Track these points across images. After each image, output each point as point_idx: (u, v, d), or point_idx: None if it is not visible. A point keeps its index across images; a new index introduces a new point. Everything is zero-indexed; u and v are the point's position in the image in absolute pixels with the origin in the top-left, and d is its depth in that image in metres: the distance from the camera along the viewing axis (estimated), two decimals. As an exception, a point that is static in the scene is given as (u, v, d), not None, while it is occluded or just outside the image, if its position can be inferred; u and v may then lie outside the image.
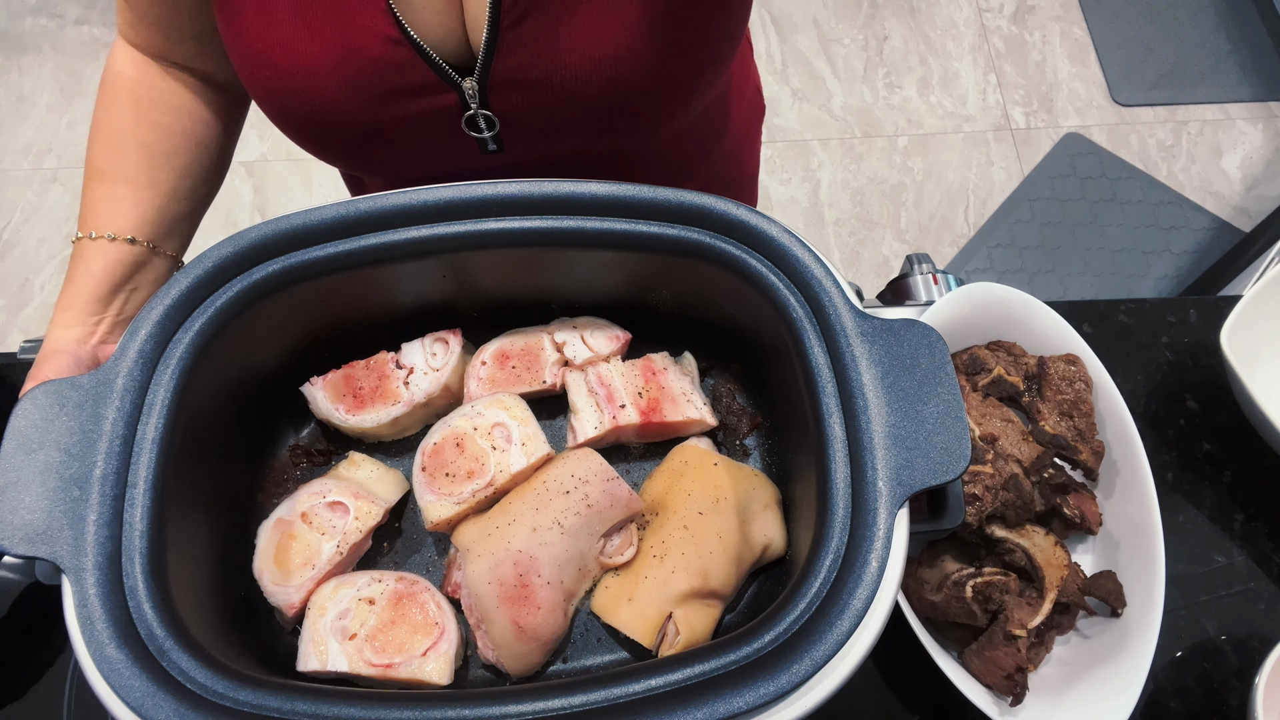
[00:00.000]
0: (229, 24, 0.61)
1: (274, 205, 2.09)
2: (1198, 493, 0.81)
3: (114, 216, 0.65)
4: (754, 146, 0.96)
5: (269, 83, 0.62)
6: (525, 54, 0.60)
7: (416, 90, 0.62)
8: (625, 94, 0.63)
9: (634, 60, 0.61)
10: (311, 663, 0.56)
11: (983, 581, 0.65)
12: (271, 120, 0.66)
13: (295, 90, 0.61)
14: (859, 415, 0.51)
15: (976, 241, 2.04)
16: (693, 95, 0.67)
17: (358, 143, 0.66)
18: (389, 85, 0.61)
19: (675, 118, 0.68)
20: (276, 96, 0.63)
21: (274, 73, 0.61)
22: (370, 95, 0.61)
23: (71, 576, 0.47)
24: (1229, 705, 0.72)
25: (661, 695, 0.45)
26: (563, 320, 0.69)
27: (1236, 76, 2.25)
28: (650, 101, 0.65)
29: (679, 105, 0.67)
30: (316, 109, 0.62)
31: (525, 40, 0.59)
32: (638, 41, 0.60)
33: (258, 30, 0.60)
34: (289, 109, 0.63)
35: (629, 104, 0.64)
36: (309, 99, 0.62)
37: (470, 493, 0.60)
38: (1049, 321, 0.78)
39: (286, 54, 0.60)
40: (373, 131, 0.64)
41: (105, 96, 0.69)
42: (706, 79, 0.66)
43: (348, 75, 0.60)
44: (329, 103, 0.62)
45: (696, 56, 0.63)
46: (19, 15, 2.29)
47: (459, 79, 0.61)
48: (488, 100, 0.62)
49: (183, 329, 0.54)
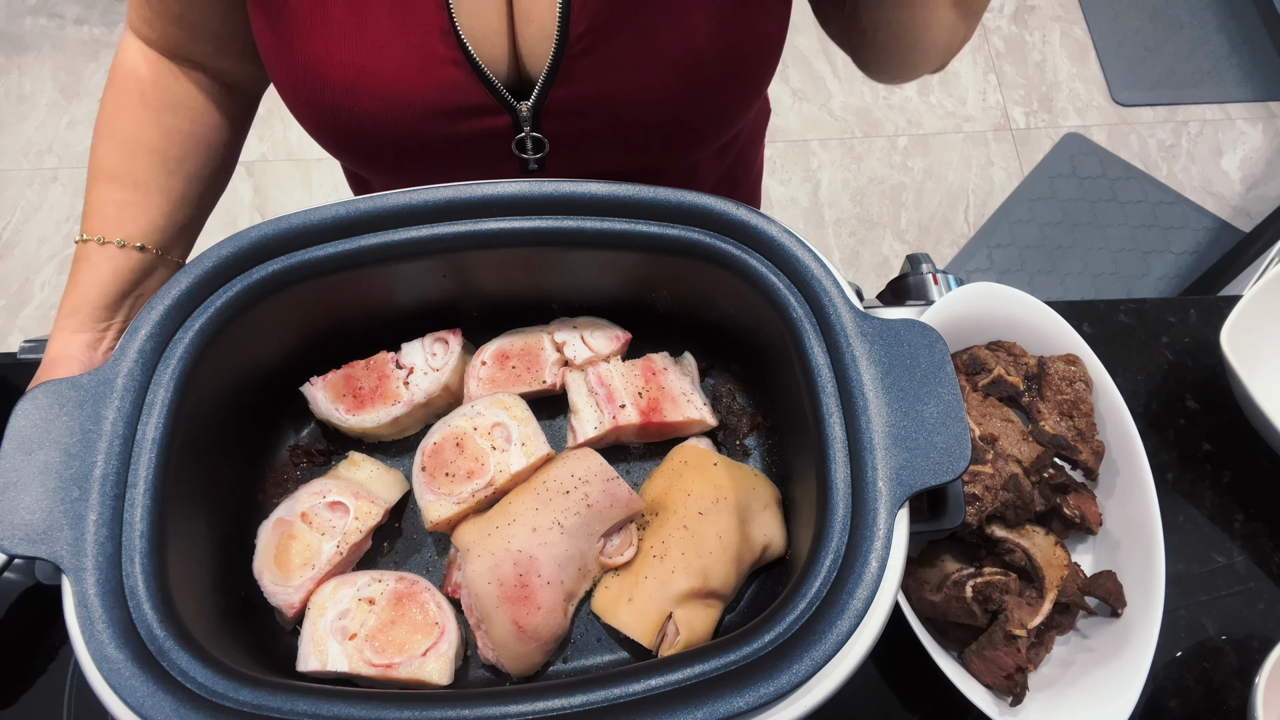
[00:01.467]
0: (275, 33, 0.60)
1: (274, 205, 2.09)
2: (1198, 493, 0.81)
3: (124, 222, 0.65)
4: (759, 150, 0.97)
5: (317, 95, 0.61)
6: (583, 84, 0.61)
7: (471, 112, 0.62)
8: (675, 124, 0.65)
9: (686, 93, 0.62)
10: (311, 663, 0.56)
11: (983, 581, 0.65)
12: (311, 133, 0.65)
13: (347, 106, 0.61)
14: (859, 415, 0.51)
15: (976, 241, 2.04)
16: (734, 123, 0.69)
17: (403, 159, 0.65)
18: (445, 105, 0.61)
19: (715, 142, 0.69)
20: (323, 110, 0.62)
21: (324, 86, 0.60)
22: (424, 114, 0.61)
23: (71, 576, 0.47)
24: (1229, 705, 0.72)
25: (661, 695, 0.45)
26: (563, 320, 0.69)
27: (1236, 76, 2.25)
28: (696, 130, 0.66)
29: (721, 132, 0.68)
30: (366, 124, 0.62)
31: (585, 71, 0.60)
32: (696, 74, 0.61)
33: (311, 43, 0.59)
34: (336, 124, 0.63)
35: (676, 132, 0.66)
36: (360, 114, 0.61)
37: (470, 493, 0.60)
38: (1049, 321, 0.78)
39: (342, 69, 0.59)
40: (420, 149, 0.64)
41: (115, 96, 0.67)
42: (749, 107, 0.68)
43: (404, 93, 0.60)
44: (380, 119, 0.61)
45: (742, 88, 0.65)
46: (19, 15, 2.29)
47: (515, 102, 0.61)
48: (539, 124, 0.63)
49: (183, 329, 0.54)
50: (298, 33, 0.59)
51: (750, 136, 0.90)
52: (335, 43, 0.59)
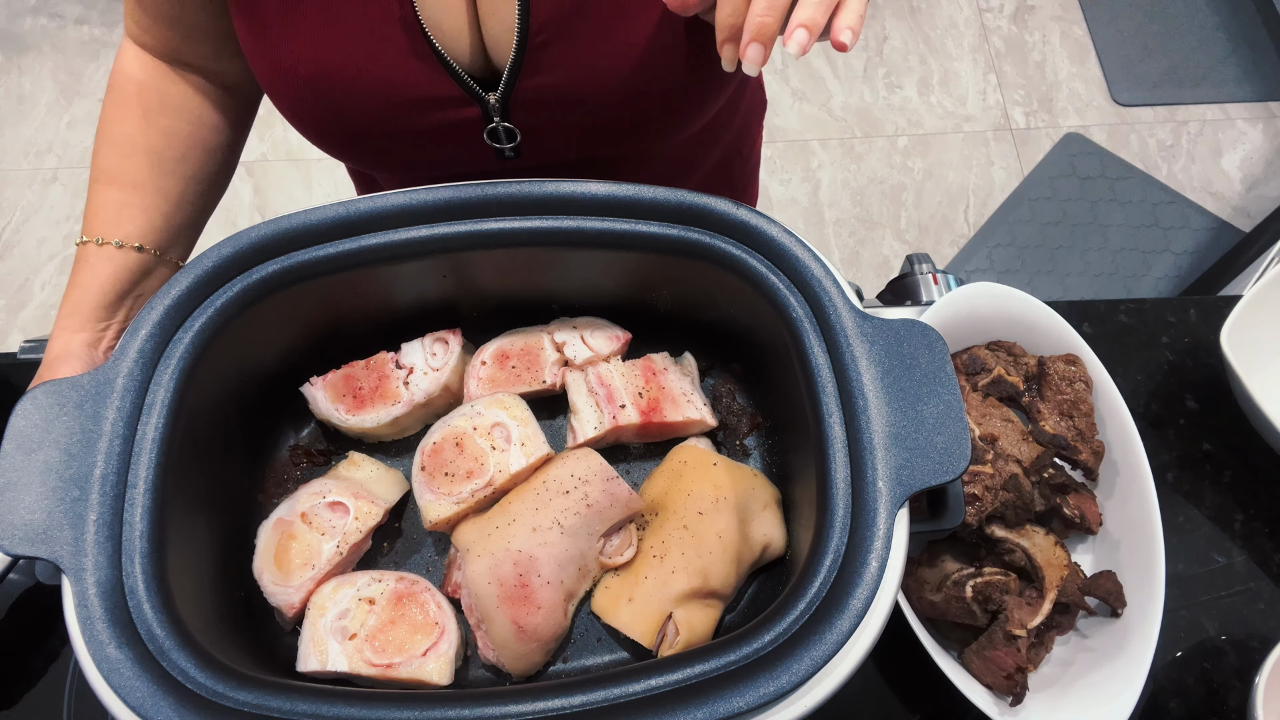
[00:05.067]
0: (254, 34, 0.61)
1: (274, 205, 2.09)
2: (1198, 493, 0.81)
3: (122, 223, 0.65)
4: (755, 141, 0.96)
5: (292, 90, 0.62)
6: (549, 75, 0.61)
7: (441, 103, 0.62)
8: (646, 109, 0.64)
9: (655, 79, 0.62)
10: (311, 663, 0.56)
11: (983, 581, 0.65)
12: (292, 124, 0.66)
13: (320, 100, 0.62)
14: (859, 415, 0.51)
15: (976, 241, 2.04)
16: (709, 105, 0.68)
17: (380, 149, 0.67)
18: (414, 97, 0.62)
19: (692, 125, 0.69)
20: (300, 105, 0.63)
21: (297, 81, 0.61)
22: (395, 106, 0.62)
23: (71, 576, 0.47)
24: (1229, 705, 0.72)
25: (661, 695, 0.45)
26: (563, 320, 0.69)
27: (1236, 76, 2.25)
28: (669, 114, 0.66)
29: (697, 115, 0.68)
30: (340, 117, 0.63)
31: (550, 62, 0.60)
32: (659, 61, 0.61)
33: (282, 39, 0.60)
34: (313, 117, 0.64)
35: (648, 117, 0.65)
36: (333, 108, 0.62)
37: (469, 492, 0.60)
38: (1049, 321, 0.78)
39: (311, 64, 0.60)
40: (396, 140, 0.65)
41: (113, 100, 0.68)
42: (724, 89, 0.68)
43: (374, 86, 0.61)
44: (353, 111, 0.62)
45: (715, 71, 0.64)
46: (19, 15, 2.29)
47: (483, 94, 0.62)
48: (509, 114, 0.63)
49: (183, 329, 0.54)
50: (270, 30, 0.60)
51: (744, 128, 0.90)
52: (304, 38, 0.59)
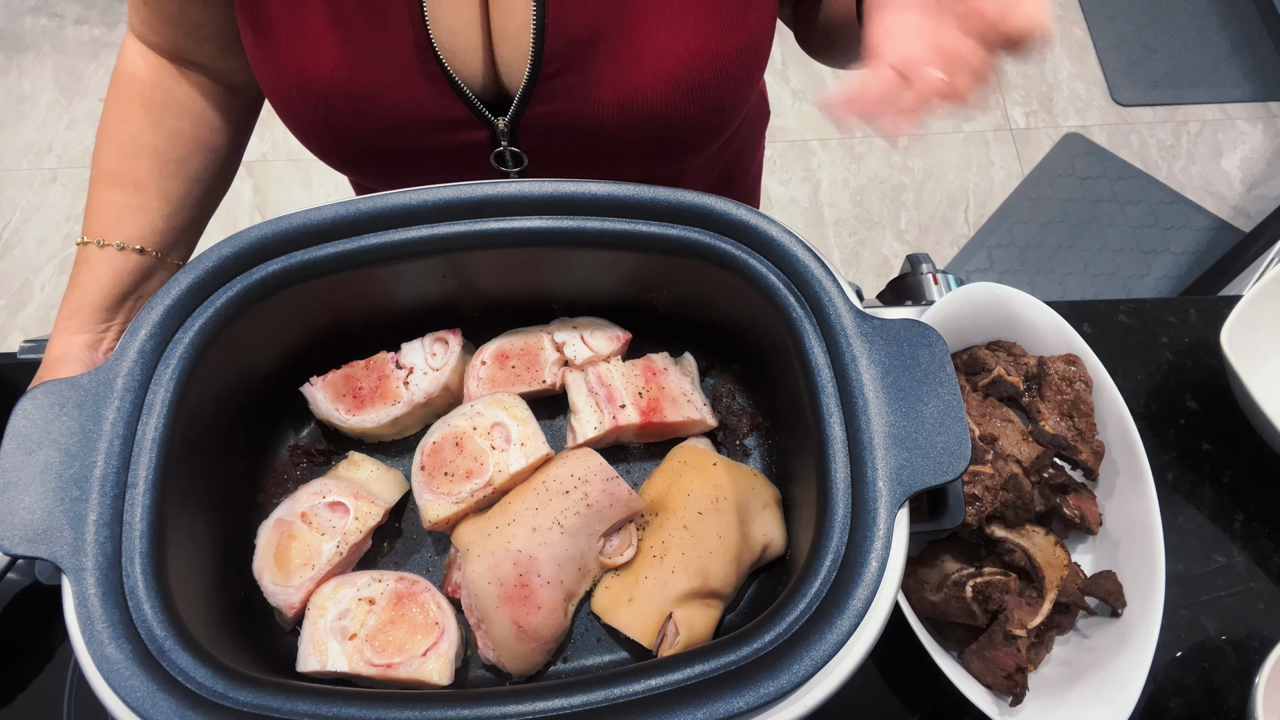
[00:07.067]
0: (258, 41, 0.60)
1: (274, 205, 2.09)
2: (1198, 493, 0.81)
3: (123, 225, 0.65)
4: (757, 152, 0.96)
5: (298, 103, 0.62)
6: (560, 103, 0.61)
7: (449, 125, 0.62)
8: (654, 142, 0.64)
9: (665, 110, 0.62)
10: (311, 663, 0.56)
11: (983, 581, 0.65)
12: (297, 137, 0.66)
13: (327, 115, 0.61)
14: (859, 415, 0.51)
15: (976, 241, 2.04)
16: (717, 136, 0.68)
17: (385, 167, 0.66)
18: (423, 118, 0.61)
19: (699, 156, 0.69)
20: (305, 117, 0.62)
21: (304, 95, 0.61)
22: (403, 126, 0.62)
23: (71, 576, 0.47)
24: (1229, 705, 0.72)
25: (661, 695, 0.45)
26: (563, 320, 0.69)
27: (1236, 76, 2.25)
28: (679, 144, 0.66)
29: (705, 145, 0.68)
30: (346, 134, 0.62)
31: (561, 90, 0.60)
32: (669, 93, 0.61)
33: (290, 52, 0.59)
34: (318, 132, 0.63)
35: (657, 147, 0.65)
36: (340, 124, 0.62)
37: (469, 492, 0.60)
38: (1049, 321, 0.78)
39: (321, 80, 0.60)
40: (401, 158, 0.64)
41: (116, 99, 0.68)
42: (731, 120, 0.67)
43: (383, 106, 0.61)
44: (359, 129, 0.62)
45: (723, 103, 0.64)
46: (19, 15, 2.29)
47: (492, 118, 0.61)
48: (517, 139, 0.63)
49: (183, 329, 0.54)
50: (278, 42, 0.60)
51: (747, 140, 0.90)
52: (314, 54, 0.59)
